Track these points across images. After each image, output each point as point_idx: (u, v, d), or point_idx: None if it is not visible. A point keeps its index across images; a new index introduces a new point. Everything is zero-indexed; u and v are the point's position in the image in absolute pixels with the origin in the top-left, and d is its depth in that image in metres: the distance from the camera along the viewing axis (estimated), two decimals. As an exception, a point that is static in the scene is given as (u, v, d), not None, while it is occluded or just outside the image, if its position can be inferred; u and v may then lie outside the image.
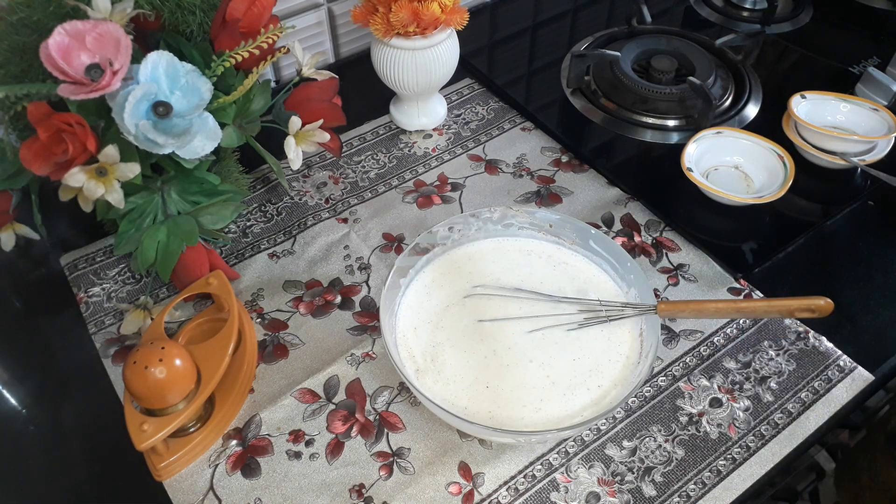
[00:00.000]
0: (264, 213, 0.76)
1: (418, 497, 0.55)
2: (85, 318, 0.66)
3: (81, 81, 0.51)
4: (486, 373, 0.58)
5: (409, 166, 0.80)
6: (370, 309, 0.67)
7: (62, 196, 0.56)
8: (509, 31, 0.98)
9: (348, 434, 0.58)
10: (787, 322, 0.66)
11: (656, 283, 0.69)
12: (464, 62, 0.83)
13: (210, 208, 0.63)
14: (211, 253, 0.65)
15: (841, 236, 0.73)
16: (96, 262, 0.71)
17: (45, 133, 0.52)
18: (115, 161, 0.53)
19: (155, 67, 0.54)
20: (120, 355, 0.63)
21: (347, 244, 0.72)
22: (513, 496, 0.55)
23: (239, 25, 0.61)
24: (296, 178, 0.79)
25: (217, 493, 0.55)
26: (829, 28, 0.99)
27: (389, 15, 0.71)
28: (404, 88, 0.78)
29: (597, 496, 0.55)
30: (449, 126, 0.85)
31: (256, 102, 0.64)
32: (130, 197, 0.59)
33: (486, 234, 0.67)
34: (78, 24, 0.52)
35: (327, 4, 0.88)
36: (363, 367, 0.63)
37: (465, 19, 0.74)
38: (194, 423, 0.57)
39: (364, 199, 0.77)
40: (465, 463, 0.57)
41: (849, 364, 0.62)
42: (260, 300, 0.68)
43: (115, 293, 0.68)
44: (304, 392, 0.61)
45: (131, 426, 0.52)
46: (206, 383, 0.55)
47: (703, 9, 1.01)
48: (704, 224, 0.74)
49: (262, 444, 0.58)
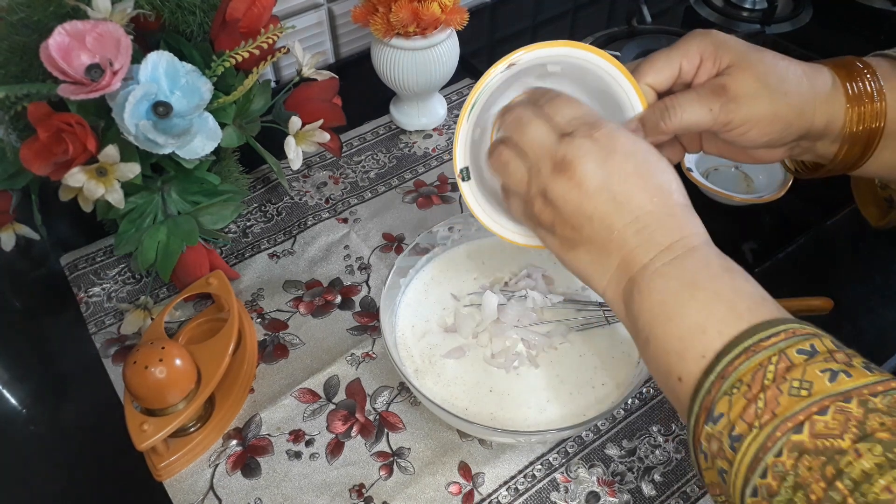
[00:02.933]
0: (264, 213, 0.76)
1: (418, 497, 0.55)
2: (85, 318, 0.66)
3: (81, 81, 0.51)
4: (486, 375, 0.58)
5: (409, 166, 0.80)
6: (370, 309, 0.67)
7: (62, 196, 0.56)
8: (509, 31, 0.98)
9: (348, 434, 0.58)
10: (787, 322, 0.66)
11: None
12: (464, 62, 0.83)
13: (210, 208, 0.63)
14: (211, 253, 0.65)
15: (841, 236, 0.73)
16: (96, 262, 0.71)
17: (45, 133, 0.52)
18: (115, 161, 0.53)
19: (155, 67, 0.54)
20: (120, 355, 0.63)
21: (347, 244, 0.72)
22: (513, 496, 0.55)
23: (239, 25, 0.61)
24: (296, 178, 0.79)
25: (217, 493, 0.55)
26: (829, 28, 0.99)
27: (389, 15, 0.71)
28: (404, 88, 0.78)
29: (597, 496, 0.55)
30: (449, 126, 0.85)
31: (256, 102, 0.64)
32: (130, 197, 0.59)
33: (486, 233, 0.66)
34: (78, 24, 0.52)
35: (327, 4, 0.88)
36: (363, 366, 0.63)
37: (465, 19, 0.74)
38: (194, 423, 0.57)
39: (364, 199, 0.77)
40: (465, 463, 0.57)
41: (849, 364, 0.62)
42: (260, 300, 0.68)
43: (115, 293, 0.68)
44: (304, 392, 0.61)
45: (131, 426, 0.52)
46: (206, 383, 0.55)
47: (703, 9, 1.01)
48: (704, 224, 0.73)
49: (262, 443, 0.58)
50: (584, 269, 0.44)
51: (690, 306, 0.39)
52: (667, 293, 0.40)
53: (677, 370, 0.39)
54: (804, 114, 0.47)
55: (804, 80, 0.47)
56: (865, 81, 0.48)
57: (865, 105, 0.48)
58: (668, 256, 0.41)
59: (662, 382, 0.41)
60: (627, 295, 0.42)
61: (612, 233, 0.42)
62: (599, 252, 0.43)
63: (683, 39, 0.49)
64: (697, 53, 0.48)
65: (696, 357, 0.37)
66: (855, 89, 0.48)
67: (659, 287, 0.40)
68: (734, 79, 0.47)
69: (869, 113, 0.48)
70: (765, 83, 0.46)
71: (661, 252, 0.41)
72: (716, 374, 0.36)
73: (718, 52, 0.47)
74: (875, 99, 0.47)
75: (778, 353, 0.35)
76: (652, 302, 0.40)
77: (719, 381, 0.36)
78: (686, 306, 0.39)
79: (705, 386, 0.36)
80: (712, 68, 0.48)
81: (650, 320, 0.40)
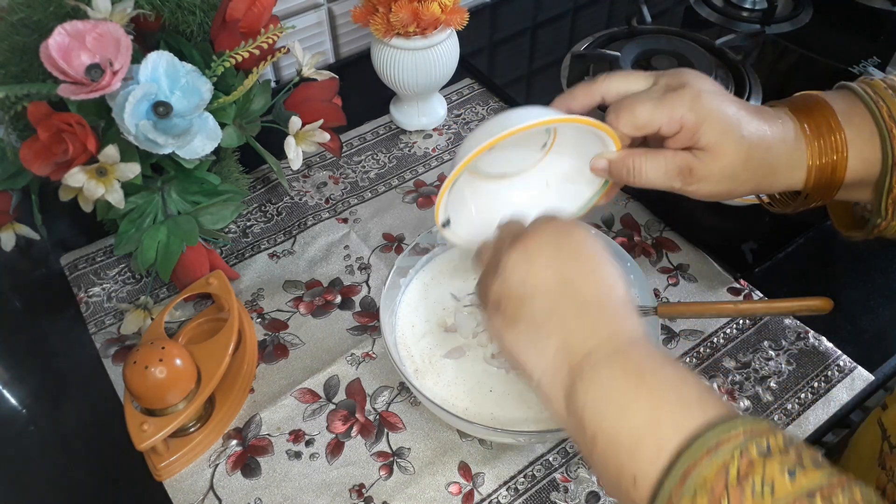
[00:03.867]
0: (264, 213, 0.76)
1: (418, 497, 0.55)
2: (85, 318, 0.66)
3: (81, 81, 0.51)
4: (486, 375, 0.58)
5: (409, 166, 0.80)
6: (370, 309, 0.67)
7: (62, 196, 0.56)
8: (509, 31, 0.98)
9: (348, 434, 0.58)
10: (787, 322, 0.66)
11: (656, 283, 0.69)
12: (464, 62, 0.83)
13: (210, 208, 0.63)
14: (211, 253, 0.65)
15: (841, 236, 0.73)
16: (96, 262, 0.71)
17: (45, 133, 0.52)
18: (115, 161, 0.53)
19: (155, 67, 0.54)
20: (120, 355, 0.63)
21: (347, 244, 0.72)
22: (513, 496, 0.55)
23: (239, 25, 0.61)
24: (296, 178, 0.79)
25: (217, 493, 0.55)
26: (829, 28, 0.99)
27: (389, 15, 0.71)
28: (404, 88, 0.78)
29: (597, 496, 0.55)
30: (449, 126, 0.85)
31: (256, 102, 0.64)
32: (130, 197, 0.59)
33: (486, 234, 0.67)
34: (78, 24, 0.52)
35: (327, 4, 0.88)
36: (363, 366, 0.63)
37: (465, 19, 0.74)
38: (194, 422, 0.57)
39: (364, 199, 0.77)
40: (465, 463, 0.57)
41: (848, 364, 0.62)
42: (260, 300, 0.68)
43: (115, 293, 0.68)
44: (304, 392, 0.61)
45: (131, 426, 0.52)
46: (206, 383, 0.55)
47: (703, 9, 1.01)
48: (704, 224, 0.74)
49: (262, 443, 0.58)
50: (521, 350, 0.42)
51: (640, 396, 0.37)
52: (614, 383, 0.38)
53: (630, 469, 0.35)
54: (760, 173, 0.49)
55: (762, 131, 0.48)
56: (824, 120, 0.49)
57: (825, 139, 0.49)
58: (609, 347, 0.39)
59: (613, 486, 0.37)
60: (568, 387, 0.39)
61: (553, 313, 0.41)
62: (538, 332, 0.41)
63: (673, 98, 0.48)
64: (679, 122, 0.48)
65: (652, 453, 0.35)
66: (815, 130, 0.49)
67: (605, 377, 0.38)
68: (704, 164, 0.48)
69: (829, 145, 0.49)
70: (732, 174, 0.48)
71: (603, 341, 0.40)
72: (677, 474, 0.33)
73: (700, 129, 0.47)
74: (834, 130, 0.49)
75: (740, 452, 0.32)
76: (598, 394, 0.38)
77: (681, 482, 0.33)
78: (636, 397, 0.37)
79: (666, 488, 0.33)
80: (688, 141, 0.48)
81: (597, 414, 0.37)
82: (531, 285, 0.42)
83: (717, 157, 0.48)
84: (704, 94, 0.48)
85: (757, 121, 0.49)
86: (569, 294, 0.41)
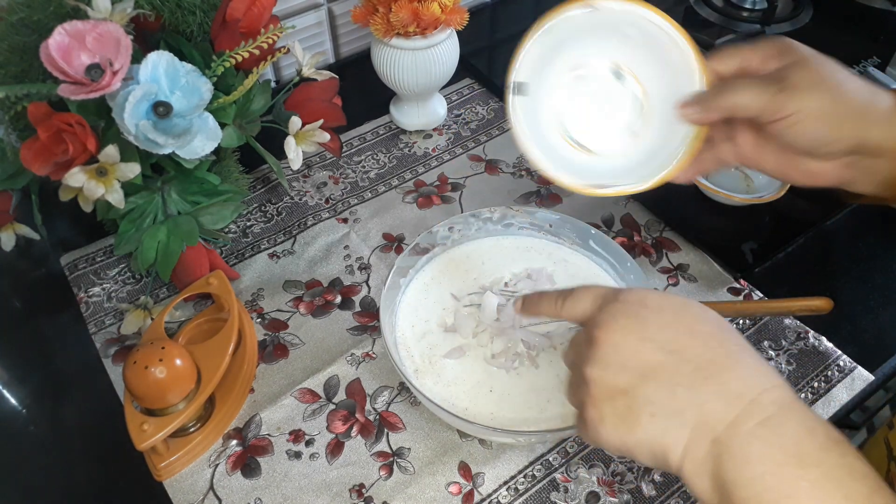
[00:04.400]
0: (264, 213, 0.76)
1: (418, 497, 0.55)
2: (85, 318, 0.66)
3: (81, 81, 0.51)
4: (486, 375, 0.58)
5: (409, 166, 0.80)
6: (370, 309, 0.67)
7: (62, 196, 0.56)
8: (509, 31, 0.98)
9: (348, 434, 0.58)
10: (787, 322, 0.66)
11: (656, 284, 0.69)
12: (464, 62, 0.83)
13: (210, 208, 0.63)
14: (211, 253, 0.65)
15: (841, 236, 0.73)
16: (96, 262, 0.71)
17: (45, 133, 0.52)
18: (115, 161, 0.53)
19: (155, 67, 0.54)
20: (120, 355, 0.63)
21: (347, 244, 0.72)
22: (513, 496, 0.55)
23: (239, 25, 0.61)
24: (296, 178, 0.79)
25: (217, 493, 0.55)
26: (829, 28, 0.99)
27: (389, 15, 0.71)
28: (404, 88, 0.78)
29: (597, 496, 0.55)
30: (449, 126, 0.85)
31: (256, 102, 0.64)
32: (130, 197, 0.59)
33: (486, 233, 0.67)
34: (78, 24, 0.52)
35: (327, 4, 0.88)
36: (363, 366, 0.63)
37: (465, 19, 0.74)
38: (194, 422, 0.57)
39: (364, 199, 0.77)
40: (465, 463, 0.57)
41: (849, 364, 0.62)
42: (260, 300, 0.68)
43: (115, 293, 0.68)
44: (304, 392, 0.61)
45: (131, 426, 0.52)
46: (206, 383, 0.55)
47: (703, 9, 1.01)
48: (704, 224, 0.74)
49: (262, 443, 0.58)
50: (654, 444, 0.37)
51: (801, 490, 0.33)
52: (770, 465, 0.34)
53: None
54: (859, 121, 0.47)
55: (865, 90, 0.48)
56: None
57: None
58: (758, 414, 0.35)
59: None
60: (715, 462, 0.35)
61: (676, 387, 0.36)
62: (667, 416, 0.36)
63: (754, 42, 0.50)
64: (764, 52, 0.49)
65: None
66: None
67: (757, 455, 0.34)
68: (794, 71, 0.47)
69: None
70: (823, 80, 0.47)
71: (747, 406, 0.35)
72: None
73: (785, 53, 0.48)
74: None
75: None
76: (751, 474, 0.34)
77: None
78: (796, 490, 0.33)
79: None
80: (777, 65, 0.49)
81: (749, 497, 0.34)
82: (630, 367, 0.38)
83: (807, 66, 0.47)
84: (785, 38, 0.49)
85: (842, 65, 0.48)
86: (681, 362, 0.37)
